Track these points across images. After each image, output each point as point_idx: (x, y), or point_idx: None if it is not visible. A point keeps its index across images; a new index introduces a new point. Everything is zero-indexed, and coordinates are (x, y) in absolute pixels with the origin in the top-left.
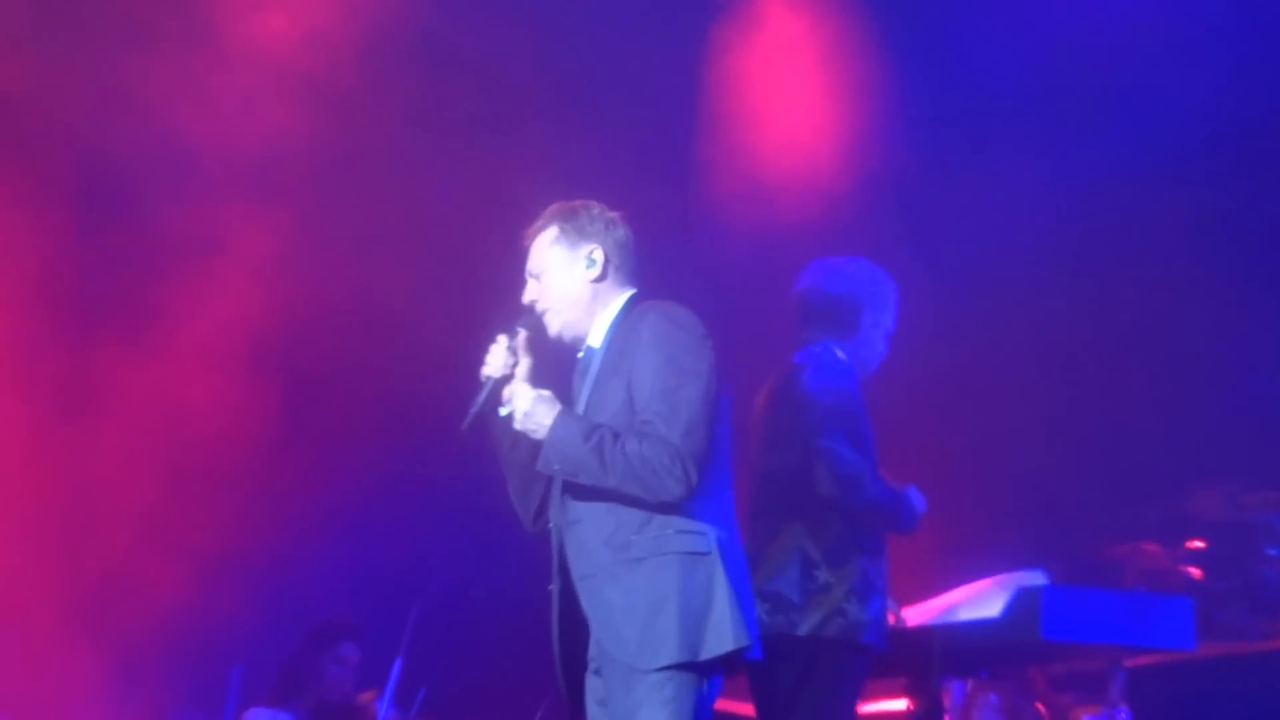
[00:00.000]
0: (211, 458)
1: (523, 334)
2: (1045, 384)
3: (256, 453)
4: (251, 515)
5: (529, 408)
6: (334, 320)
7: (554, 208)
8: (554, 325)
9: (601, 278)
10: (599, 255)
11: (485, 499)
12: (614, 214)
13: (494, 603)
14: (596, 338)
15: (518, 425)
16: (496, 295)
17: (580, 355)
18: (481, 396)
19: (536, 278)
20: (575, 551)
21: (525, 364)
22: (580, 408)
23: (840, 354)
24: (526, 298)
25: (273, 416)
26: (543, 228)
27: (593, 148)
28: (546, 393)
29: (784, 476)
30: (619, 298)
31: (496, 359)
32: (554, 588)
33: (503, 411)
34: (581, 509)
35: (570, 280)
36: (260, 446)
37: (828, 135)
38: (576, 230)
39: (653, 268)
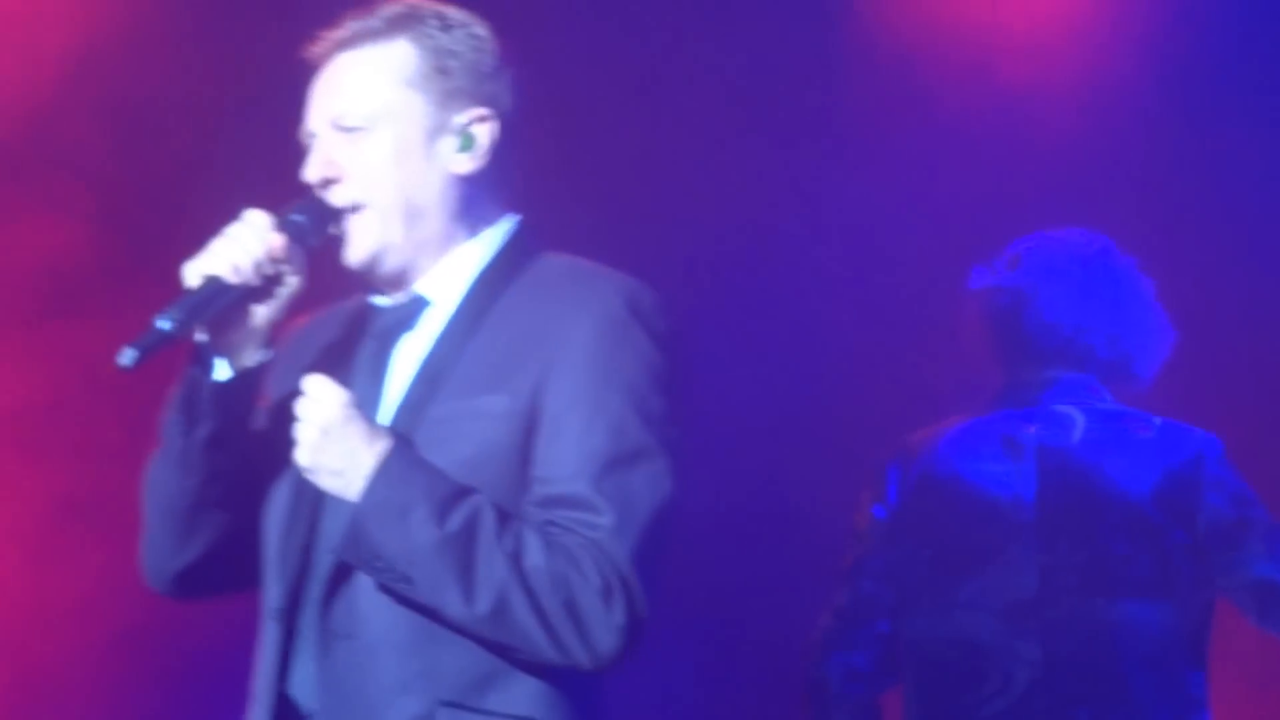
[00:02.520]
0: None
1: (303, 224)
2: None
3: None
4: None
5: (331, 420)
6: None
7: (389, 6)
8: (366, 243)
9: (483, 177)
10: (488, 131)
11: None
12: (497, 40)
13: None
14: (438, 286)
15: (303, 458)
16: None
17: (382, 306)
18: (180, 311)
19: (349, 133)
20: (331, 698)
21: (292, 289)
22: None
23: None
24: (317, 172)
25: None
26: (372, 35)
27: None
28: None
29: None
30: (500, 225)
31: (241, 250)
32: None
33: (221, 372)
34: (365, 616)
35: (424, 166)
36: None
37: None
38: (452, 66)
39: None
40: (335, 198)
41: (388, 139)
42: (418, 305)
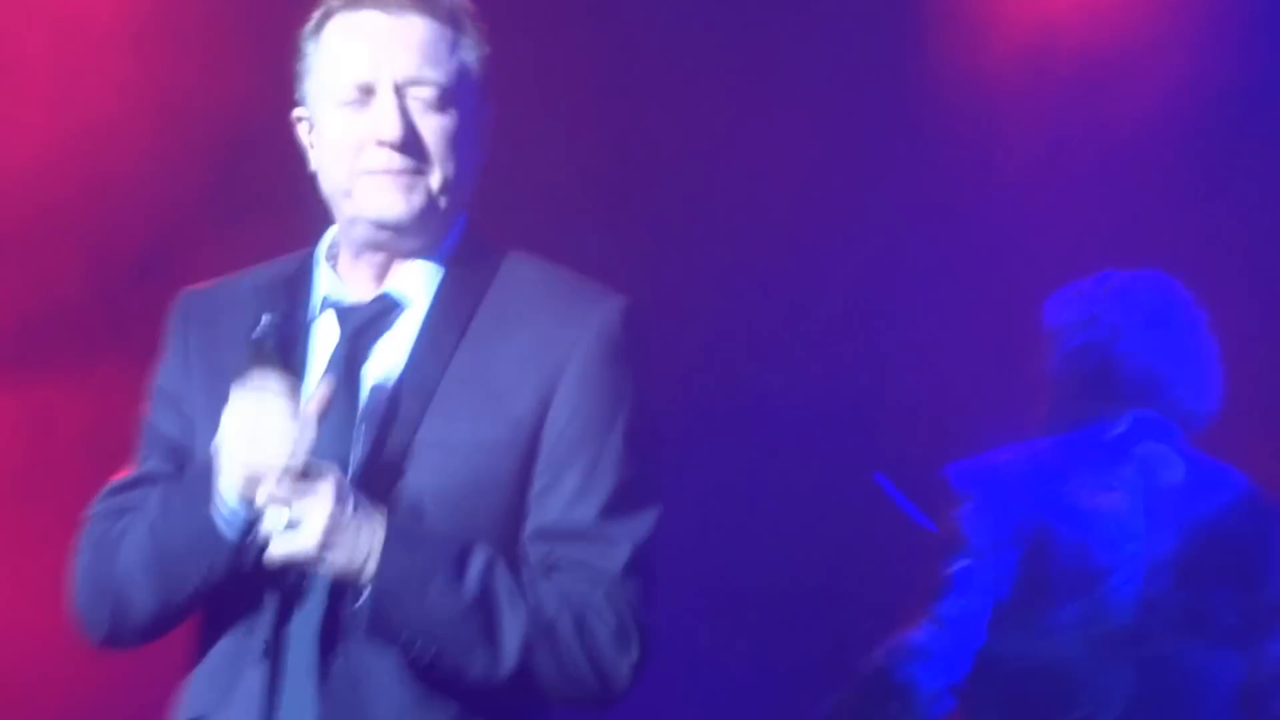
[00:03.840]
0: None
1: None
2: None
3: None
4: None
5: (333, 509)
6: None
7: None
8: (414, 201)
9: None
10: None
11: None
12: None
13: None
14: (408, 285)
15: (306, 547)
16: None
17: (348, 306)
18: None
19: (424, 100)
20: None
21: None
22: (360, 448)
23: None
24: (397, 131)
25: None
26: (449, 15)
27: None
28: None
29: None
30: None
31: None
32: None
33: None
34: (360, 643)
35: (471, 155)
36: None
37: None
38: (486, 67)
39: None
40: (403, 158)
41: (460, 118)
42: (389, 306)
